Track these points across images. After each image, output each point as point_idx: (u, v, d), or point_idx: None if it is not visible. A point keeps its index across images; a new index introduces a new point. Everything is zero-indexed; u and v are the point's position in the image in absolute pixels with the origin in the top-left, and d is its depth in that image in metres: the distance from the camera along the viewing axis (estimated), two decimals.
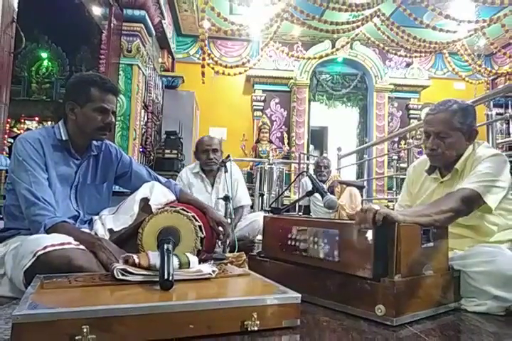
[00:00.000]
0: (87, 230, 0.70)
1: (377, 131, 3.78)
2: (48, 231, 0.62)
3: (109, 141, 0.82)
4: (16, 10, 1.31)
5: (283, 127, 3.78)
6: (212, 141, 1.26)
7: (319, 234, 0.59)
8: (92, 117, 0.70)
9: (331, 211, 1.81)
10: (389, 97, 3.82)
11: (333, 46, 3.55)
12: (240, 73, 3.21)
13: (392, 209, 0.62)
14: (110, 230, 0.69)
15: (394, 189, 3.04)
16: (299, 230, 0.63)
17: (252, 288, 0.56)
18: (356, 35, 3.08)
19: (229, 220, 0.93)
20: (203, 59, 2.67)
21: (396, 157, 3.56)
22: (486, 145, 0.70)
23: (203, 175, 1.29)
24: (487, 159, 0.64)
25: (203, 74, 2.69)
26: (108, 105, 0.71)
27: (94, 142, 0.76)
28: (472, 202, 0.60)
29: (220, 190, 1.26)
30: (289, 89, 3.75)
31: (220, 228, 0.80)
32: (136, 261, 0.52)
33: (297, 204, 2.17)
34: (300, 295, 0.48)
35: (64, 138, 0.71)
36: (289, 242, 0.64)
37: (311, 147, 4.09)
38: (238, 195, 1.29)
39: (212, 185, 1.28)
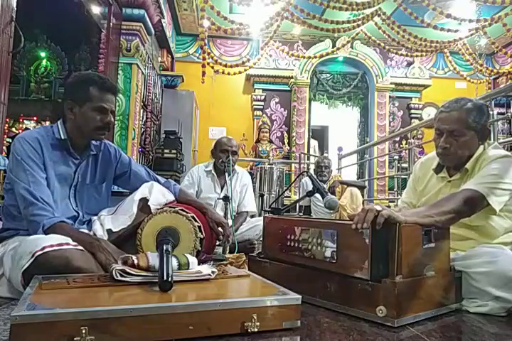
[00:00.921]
0: (86, 230, 0.70)
1: (378, 131, 3.77)
2: (46, 232, 0.62)
3: (108, 141, 0.81)
4: (15, 9, 1.30)
5: (283, 127, 3.77)
6: (232, 142, 1.26)
7: (319, 235, 0.59)
8: (91, 117, 0.70)
9: (331, 211, 1.81)
10: (390, 96, 3.81)
11: (334, 45, 3.54)
12: (240, 72, 3.20)
13: (396, 207, 0.61)
14: (109, 230, 0.69)
15: (395, 189, 3.04)
16: (299, 231, 0.62)
17: (252, 289, 0.55)
18: (357, 34, 3.07)
19: (229, 221, 0.92)
20: (203, 58, 2.66)
21: (397, 157, 3.55)
22: (496, 145, 0.69)
23: (215, 175, 1.28)
24: (495, 160, 0.63)
25: (203, 73, 2.68)
26: (107, 105, 0.71)
27: (94, 142, 0.76)
28: (475, 204, 0.59)
29: (229, 191, 1.25)
30: (289, 89, 3.74)
31: (220, 229, 0.80)
32: (135, 261, 0.52)
33: (297, 205, 2.18)
34: (300, 297, 0.48)
35: (63, 138, 0.71)
36: (289, 243, 0.64)
37: (315, 142, 4.00)
38: (245, 200, 1.28)
39: (222, 187, 1.28)
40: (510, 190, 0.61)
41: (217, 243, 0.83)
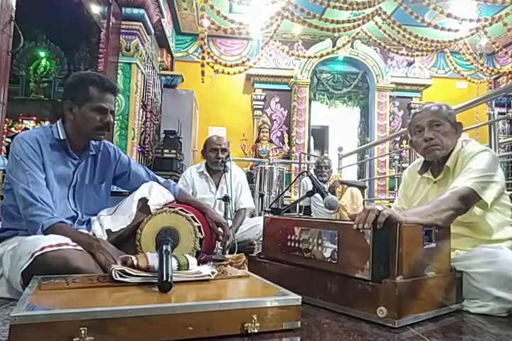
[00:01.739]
0: (85, 231, 0.69)
1: (378, 131, 3.77)
2: (45, 232, 0.62)
3: (108, 141, 0.81)
4: (14, 8, 1.30)
5: (283, 126, 3.77)
6: (220, 140, 1.25)
7: (319, 235, 0.58)
8: (91, 117, 0.69)
9: (331, 211, 1.80)
10: (390, 96, 3.80)
11: (334, 45, 3.54)
12: (240, 72, 3.20)
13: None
14: (108, 231, 0.69)
15: (395, 189, 3.03)
16: (299, 231, 0.62)
17: (251, 289, 0.55)
18: (357, 33, 3.06)
19: (229, 221, 0.92)
20: (203, 58, 2.65)
21: (398, 157, 3.54)
22: (473, 142, 0.71)
23: (208, 175, 1.28)
24: (477, 155, 0.65)
25: (202, 73, 2.68)
26: (107, 104, 0.70)
27: (93, 142, 0.75)
28: (469, 200, 0.60)
29: (224, 190, 1.24)
30: (289, 88, 3.73)
31: (220, 229, 0.80)
32: (135, 262, 0.52)
33: (298, 205, 2.17)
34: (300, 297, 0.48)
35: (62, 138, 0.70)
36: (290, 243, 0.64)
37: (311, 138, 3.99)
38: (241, 198, 1.28)
39: (217, 186, 1.27)
40: (497, 182, 0.62)
41: (217, 243, 0.83)
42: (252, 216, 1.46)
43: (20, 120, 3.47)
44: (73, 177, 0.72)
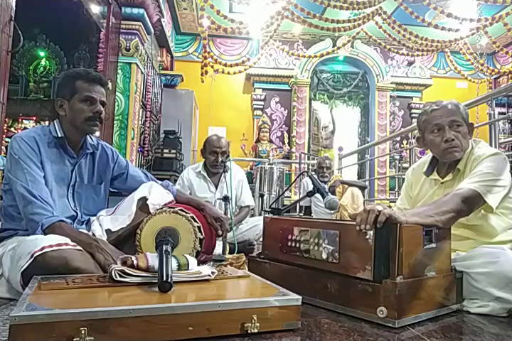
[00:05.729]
0: (85, 231, 0.69)
1: (378, 131, 3.76)
2: (45, 231, 0.62)
3: (106, 142, 0.81)
4: (14, 8, 1.29)
5: (283, 126, 3.77)
6: (221, 143, 1.23)
7: (320, 235, 0.58)
8: (80, 108, 0.69)
9: (332, 211, 1.80)
10: (390, 96, 3.80)
11: (334, 44, 3.54)
12: (240, 72, 3.20)
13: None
14: (108, 231, 0.69)
15: (396, 189, 3.04)
16: (300, 231, 0.62)
17: (251, 290, 0.55)
18: (357, 33, 3.06)
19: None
20: (205, 58, 2.65)
21: (398, 157, 3.55)
22: (483, 143, 0.70)
23: (205, 175, 1.27)
24: (487, 158, 0.64)
25: (205, 72, 2.67)
26: (94, 94, 0.70)
27: (90, 140, 0.75)
28: (473, 202, 0.60)
29: (224, 189, 1.23)
30: (289, 88, 3.73)
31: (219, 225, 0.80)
32: (135, 262, 0.52)
33: (298, 205, 2.18)
34: (301, 297, 0.48)
35: (59, 136, 0.70)
36: (290, 243, 0.64)
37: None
38: (243, 196, 1.28)
39: (217, 185, 1.27)
40: (504, 187, 0.61)
41: (217, 239, 0.82)
42: (252, 216, 1.45)
43: (19, 120, 3.46)
44: (71, 176, 0.72)
